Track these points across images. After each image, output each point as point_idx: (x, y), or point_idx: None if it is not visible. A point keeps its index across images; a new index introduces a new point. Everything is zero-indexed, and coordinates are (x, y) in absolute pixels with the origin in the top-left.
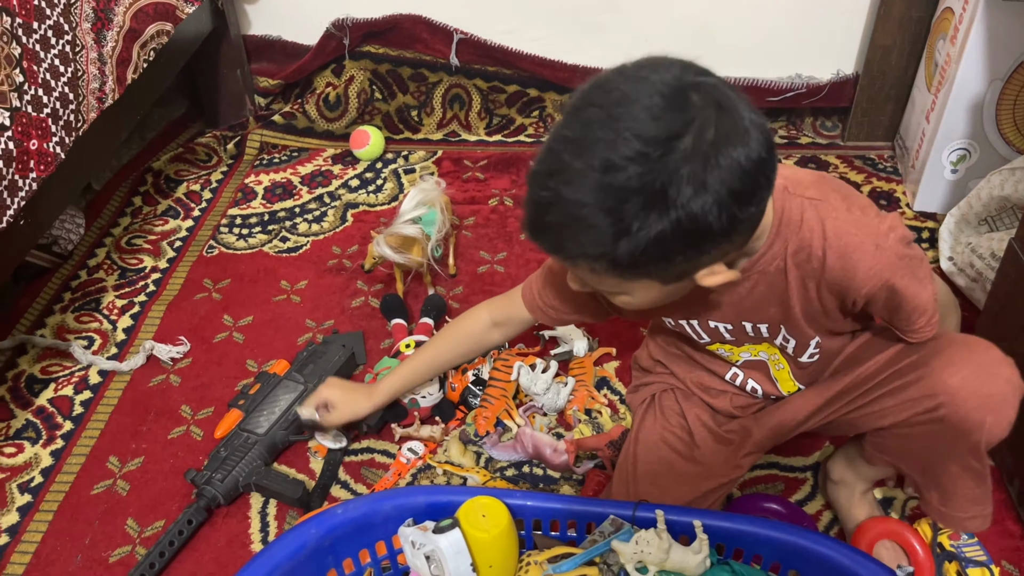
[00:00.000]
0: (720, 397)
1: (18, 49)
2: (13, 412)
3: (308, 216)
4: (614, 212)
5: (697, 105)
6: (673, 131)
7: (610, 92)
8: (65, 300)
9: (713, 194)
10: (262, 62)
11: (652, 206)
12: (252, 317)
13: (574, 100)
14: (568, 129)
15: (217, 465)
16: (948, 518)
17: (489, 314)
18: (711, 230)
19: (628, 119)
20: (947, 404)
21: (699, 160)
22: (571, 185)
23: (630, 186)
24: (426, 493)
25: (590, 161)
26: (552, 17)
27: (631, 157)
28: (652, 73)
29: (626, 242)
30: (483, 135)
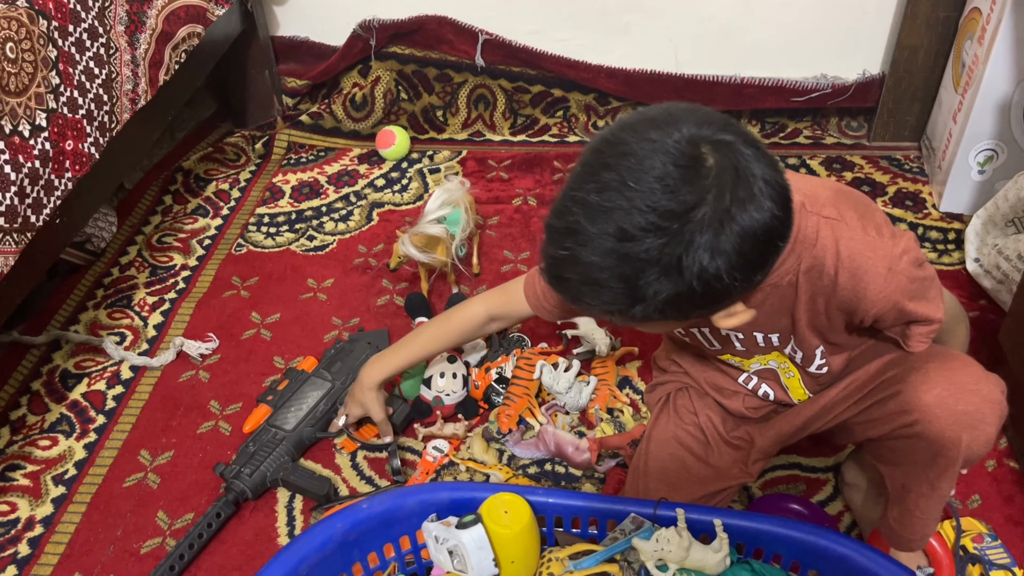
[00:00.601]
0: (733, 398)
1: (54, 52)
2: (48, 406)
3: (334, 215)
4: (630, 279)
5: (712, 171)
6: (689, 204)
7: (624, 155)
8: (98, 297)
9: (727, 259)
10: (290, 63)
11: (668, 274)
12: (279, 314)
13: (588, 156)
14: (583, 190)
15: (245, 460)
16: (896, 536)
17: (486, 309)
18: (726, 290)
19: (643, 189)
20: (922, 421)
21: (714, 228)
22: (587, 248)
23: (647, 257)
24: (449, 489)
25: (606, 228)
26: (577, 18)
27: (647, 228)
28: (666, 135)
29: (641, 306)
30: (507, 135)
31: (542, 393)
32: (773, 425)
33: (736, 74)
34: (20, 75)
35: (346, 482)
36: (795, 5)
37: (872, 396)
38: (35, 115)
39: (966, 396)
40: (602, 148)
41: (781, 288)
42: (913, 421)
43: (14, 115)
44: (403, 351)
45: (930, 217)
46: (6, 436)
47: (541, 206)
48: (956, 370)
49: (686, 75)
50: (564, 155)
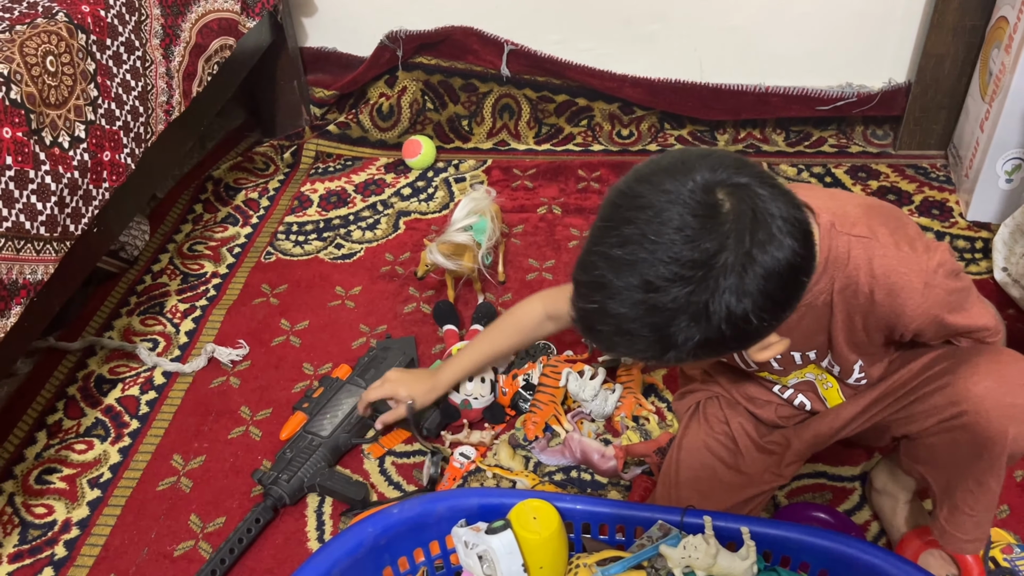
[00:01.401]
0: (765, 407)
1: (92, 65)
2: (84, 411)
3: (362, 224)
4: (660, 328)
5: (730, 216)
6: (710, 251)
7: (642, 208)
8: (131, 304)
9: (752, 300)
10: (318, 73)
11: (696, 321)
12: (308, 322)
13: (607, 211)
14: (605, 245)
15: (283, 466)
16: (948, 536)
17: (544, 307)
18: (755, 328)
19: (664, 241)
20: (970, 412)
21: (737, 271)
22: (615, 301)
23: (674, 306)
24: (479, 495)
25: (631, 280)
26: (602, 28)
27: (672, 279)
28: (680, 184)
29: (674, 352)
30: (532, 144)
31: (568, 400)
32: (810, 427)
33: (761, 83)
34: (60, 88)
35: (374, 487)
36: (820, 14)
37: (916, 392)
38: (74, 127)
39: (1016, 390)
40: (620, 202)
41: (816, 308)
42: (961, 412)
43: (54, 127)
44: (471, 354)
45: (957, 226)
46: (43, 440)
47: (566, 215)
48: (1006, 364)
49: (711, 84)
50: (588, 164)
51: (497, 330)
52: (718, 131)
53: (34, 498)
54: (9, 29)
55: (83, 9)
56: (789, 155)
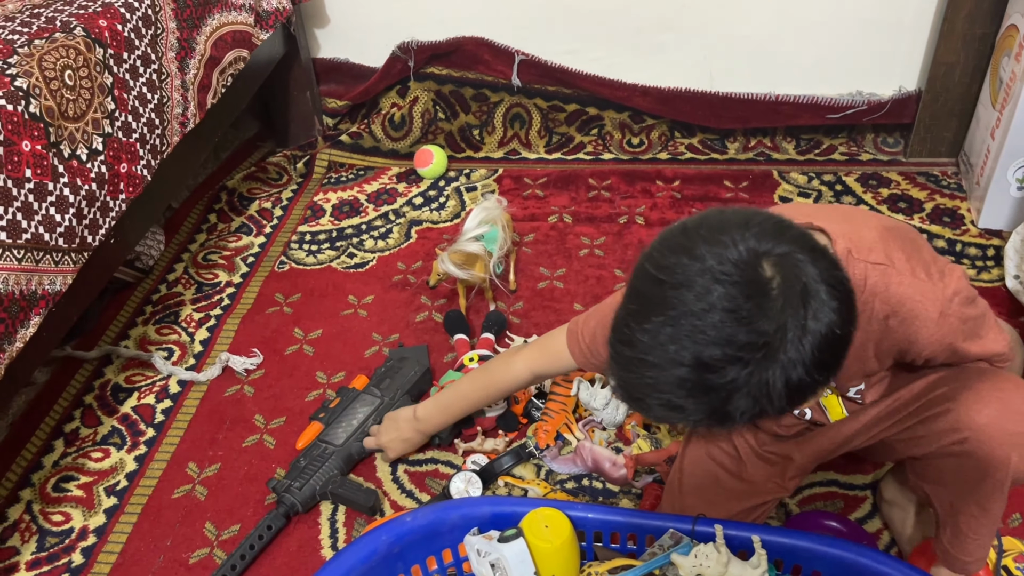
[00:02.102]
0: None
1: (110, 78)
2: (100, 419)
3: (374, 233)
4: (714, 404)
5: (780, 292)
6: (767, 331)
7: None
8: (147, 313)
9: (806, 368)
10: (330, 84)
11: (754, 396)
12: (321, 330)
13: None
14: (650, 323)
15: (296, 475)
16: (951, 558)
17: (529, 369)
18: (810, 389)
19: (715, 322)
20: (972, 440)
21: (793, 348)
22: (663, 377)
23: (732, 386)
24: (491, 503)
25: (681, 358)
26: (612, 37)
27: (728, 360)
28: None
29: (729, 423)
30: (543, 153)
31: (579, 409)
32: (812, 441)
33: (771, 91)
34: (78, 101)
35: (387, 495)
36: (830, 23)
37: (918, 414)
38: (92, 139)
39: (1019, 418)
40: (661, 276)
41: None
42: (963, 439)
43: (72, 140)
44: (449, 408)
45: (968, 233)
46: (60, 448)
47: (576, 223)
48: (1009, 391)
49: (721, 93)
50: (599, 172)
51: (479, 387)
52: (728, 139)
53: (52, 506)
54: (28, 44)
55: (100, 23)
56: (799, 163)
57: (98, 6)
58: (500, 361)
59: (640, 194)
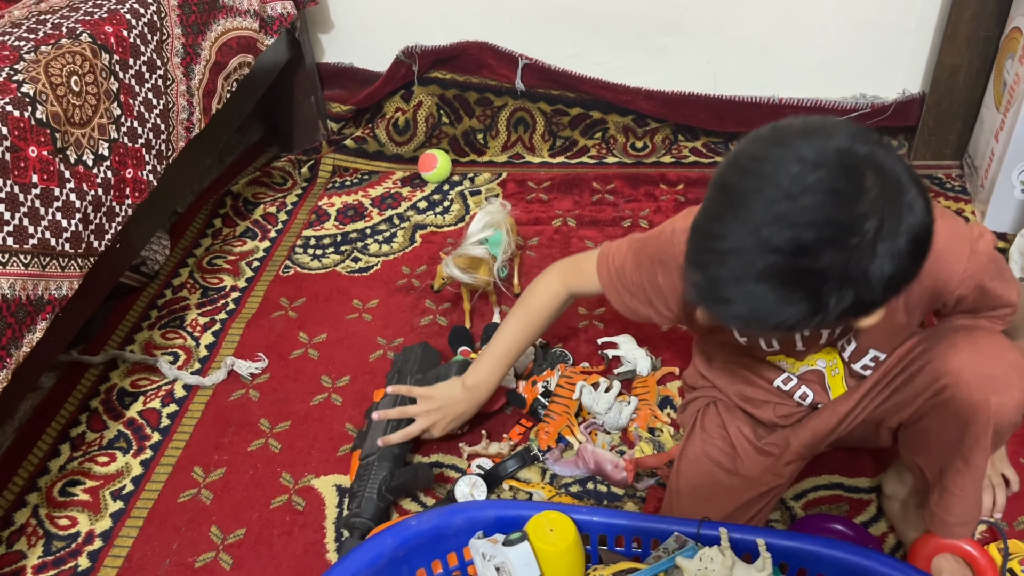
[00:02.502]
0: (763, 407)
1: (115, 84)
2: (106, 424)
3: (379, 237)
4: (809, 293)
5: (876, 184)
6: (863, 214)
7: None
8: (152, 318)
9: (902, 263)
10: (334, 88)
11: (850, 285)
12: (326, 334)
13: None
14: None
15: (354, 501)
16: (938, 521)
17: (565, 287)
18: (899, 286)
19: (813, 202)
20: (951, 385)
21: (889, 237)
22: (754, 266)
23: (829, 272)
24: (496, 507)
25: (775, 242)
26: (615, 41)
27: (826, 241)
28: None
29: (820, 316)
30: (547, 157)
31: (583, 411)
32: (808, 425)
33: (775, 95)
34: (84, 107)
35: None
36: (833, 25)
37: (901, 375)
38: (98, 145)
39: (991, 361)
40: (751, 167)
41: None
42: (943, 387)
43: (78, 145)
44: (500, 361)
45: None
46: (67, 452)
47: (580, 227)
48: (981, 338)
49: (724, 96)
50: (603, 176)
51: (522, 323)
52: (732, 142)
53: (58, 510)
54: (34, 50)
55: (106, 30)
56: None
57: (104, 12)
58: (533, 289)
59: (644, 197)
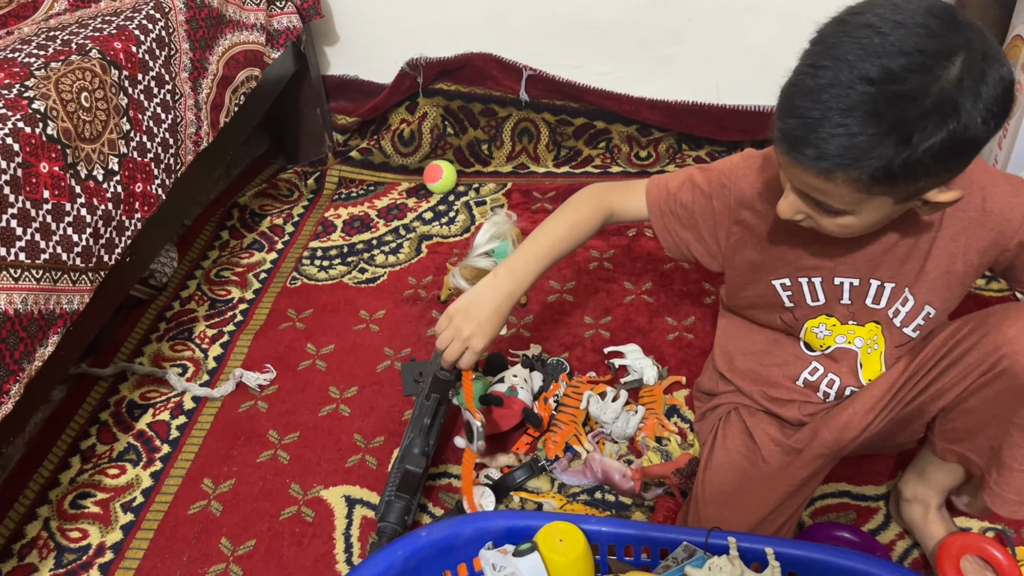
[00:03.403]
0: (788, 407)
1: (125, 99)
2: (116, 436)
3: (385, 248)
4: (895, 122)
5: (966, 27)
6: (952, 47)
7: (876, 14)
8: (161, 330)
9: (985, 106)
10: (340, 100)
11: (936, 114)
12: (334, 345)
13: (832, 27)
14: (836, 48)
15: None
16: (1000, 499)
17: (610, 204)
18: (975, 141)
19: (905, 34)
20: (1008, 355)
21: (975, 75)
22: (848, 98)
23: (915, 95)
24: (506, 517)
25: (868, 73)
26: (619, 52)
27: (913, 69)
28: (911, 3)
29: (901, 150)
30: (551, 167)
31: (590, 421)
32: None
33: None
34: (94, 122)
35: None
36: None
37: (946, 359)
38: (108, 160)
39: None
40: (846, 17)
41: (920, 226)
42: (999, 358)
43: (89, 160)
44: (541, 250)
45: None
46: (77, 465)
47: None
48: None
49: (728, 106)
50: None
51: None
52: (736, 151)
53: (69, 522)
54: (45, 66)
55: (115, 46)
56: None
57: (113, 28)
58: (579, 200)
59: None
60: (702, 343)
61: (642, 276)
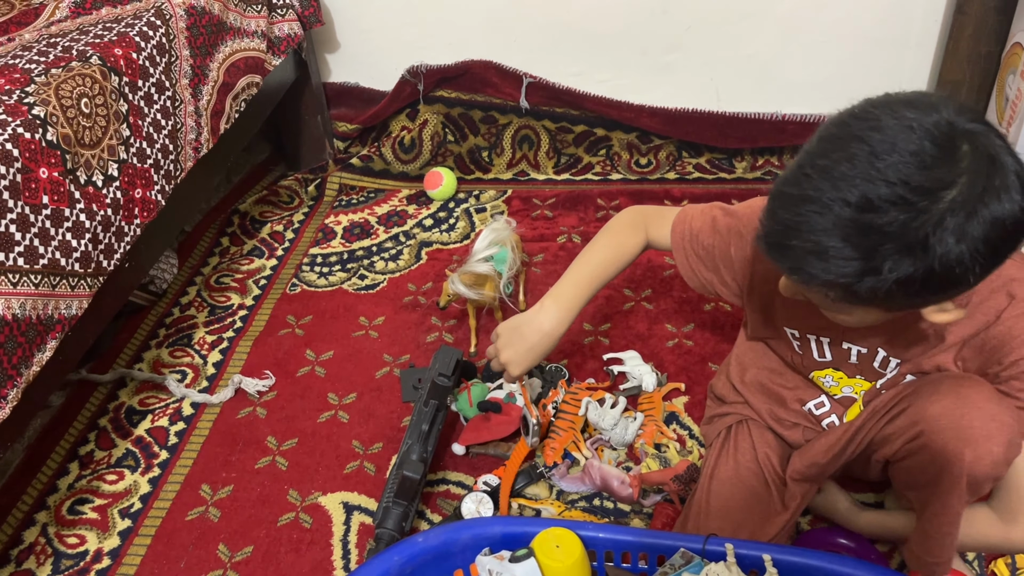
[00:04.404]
0: (793, 430)
1: (125, 106)
2: (114, 442)
3: (385, 254)
4: (866, 251)
5: (967, 157)
6: (942, 182)
7: (876, 129)
8: (160, 336)
9: (971, 247)
10: (341, 108)
11: (907, 252)
12: (333, 352)
13: (832, 129)
14: (827, 159)
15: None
16: (917, 559)
17: (647, 236)
18: (960, 279)
19: (895, 162)
20: (927, 432)
21: (963, 213)
22: (824, 216)
23: (888, 230)
24: (502, 523)
25: (848, 196)
26: (619, 59)
27: (894, 201)
28: (922, 116)
29: (871, 279)
30: (551, 174)
31: (589, 428)
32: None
33: (777, 111)
34: (94, 128)
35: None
36: (835, 42)
37: (889, 413)
38: (107, 166)
39: (972, 411)
40: (850, 122)
41: None
42: (919, 432)
43: (88, 166)
44: (584, 277)
45: None
46: (75, 471)
47: (585, 243)
48: (967, 386)
49: (727, 113)
50: (607, 193)
51: (611, 255)
52: (736, 159)
53: (67, 528)
54: (45, 72)
55: (116, 52)
56: None
57: (114, 35)
58: (620, 226)
59: None
60: (701, 350)
61: (641, 283)
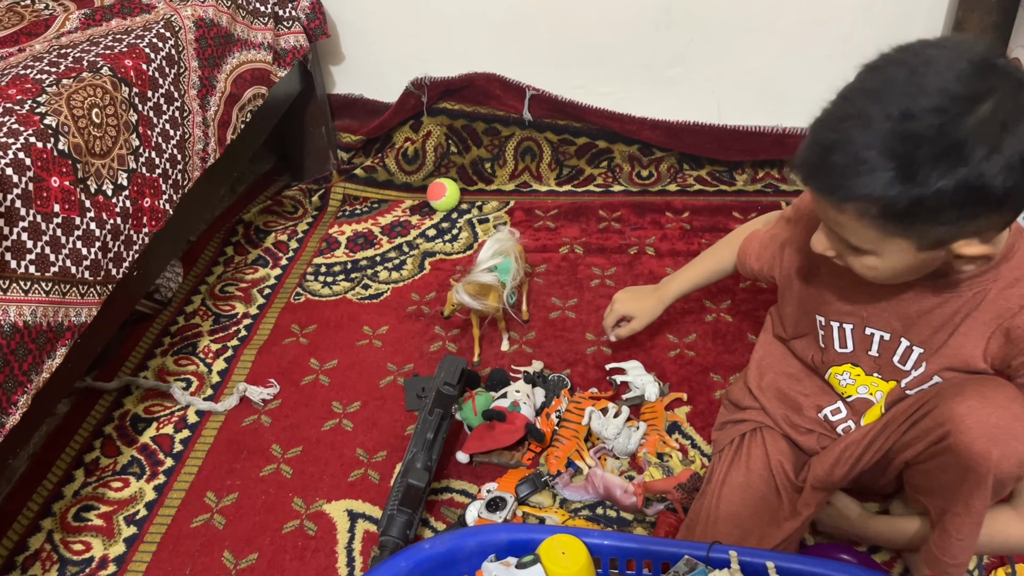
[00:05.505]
0: (808, 435)
1: (135, 116)
2: (120, 449)
3: (388, 264)
4: (903, 157)
5: (1001, 78)
6: (977, 93)
7: (916, 54)
8: (165, 344)
9: (1004, 159)
10: (345, 119)
11: (943, 158)
12: (337, 361)
13: (873, 61)
14: (867, 83)
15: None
16: (935, 560)
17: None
18: (991, 194)
19: (933, 76)
20: (953, 432)
21: (997, 125)
22: (865, 129)
23: (925, 135)
24: (508, 530)
25: (888, 109)
26: (621, 72)
27: (931, 109)
28: (960, 43)
29: (908, 188)
30: (554, 185)
31: (592, 436)
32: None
33: (778, 124)
34: (104, 138)
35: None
36: (836, 56)
37: (912, 417)
38: (117, 175)
39: (998, 411)
40: (890, 53)
41: (961, 299)
42: (945, 433)
43: (99, 175)
44: (694, 273)
45: None
46: (81, 478)
47: (587, 254)
48: (991, 387)
49: (729, 126)
50: (609, 204)
51: (710, 265)
52: (737, 171)
53: (72, 535)
54: (56, 83)
55: (126, 63)
56: None
57: (124, 47)
58: (732, 241)
59: (650, 225)
60: (703, 360)
61: None
